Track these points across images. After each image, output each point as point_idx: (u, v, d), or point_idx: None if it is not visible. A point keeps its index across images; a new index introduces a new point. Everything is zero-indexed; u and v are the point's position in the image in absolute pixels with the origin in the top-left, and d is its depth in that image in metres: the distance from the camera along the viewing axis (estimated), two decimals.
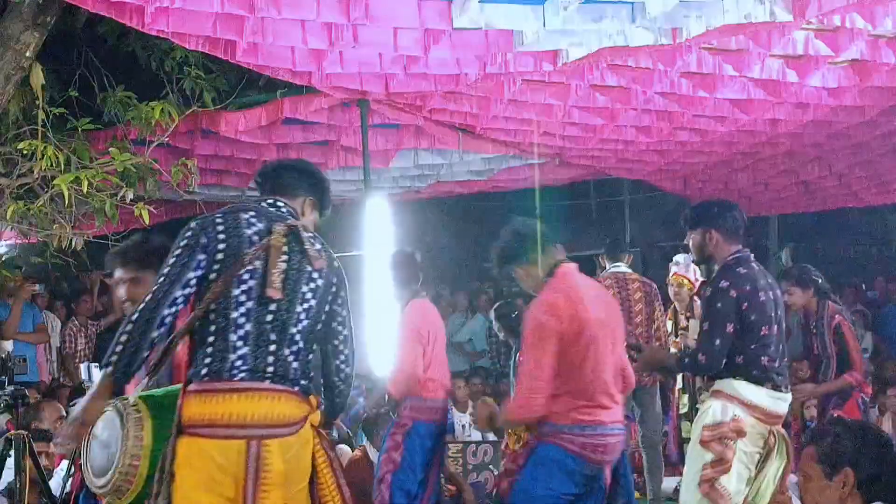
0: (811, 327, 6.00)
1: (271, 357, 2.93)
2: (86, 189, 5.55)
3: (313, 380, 3.07)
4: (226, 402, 2.87)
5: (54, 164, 5.62)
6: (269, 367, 2.92)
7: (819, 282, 5.97)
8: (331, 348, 3.19)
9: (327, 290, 3.10)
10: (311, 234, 3.14)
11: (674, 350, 6.38)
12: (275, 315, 2.96)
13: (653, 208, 13.58)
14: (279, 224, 3.04)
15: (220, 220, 3.03)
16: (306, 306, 3.03)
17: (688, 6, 4.72)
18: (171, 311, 2.89)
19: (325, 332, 3.16)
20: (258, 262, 2.96)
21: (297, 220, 3.13)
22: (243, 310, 2.93)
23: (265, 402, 2.89)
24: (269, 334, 2.94)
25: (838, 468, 2.52)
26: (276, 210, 3.14)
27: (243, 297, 2.94)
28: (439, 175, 9.13)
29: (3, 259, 7.99)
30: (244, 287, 2.94)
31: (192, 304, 2.99)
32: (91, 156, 5.98)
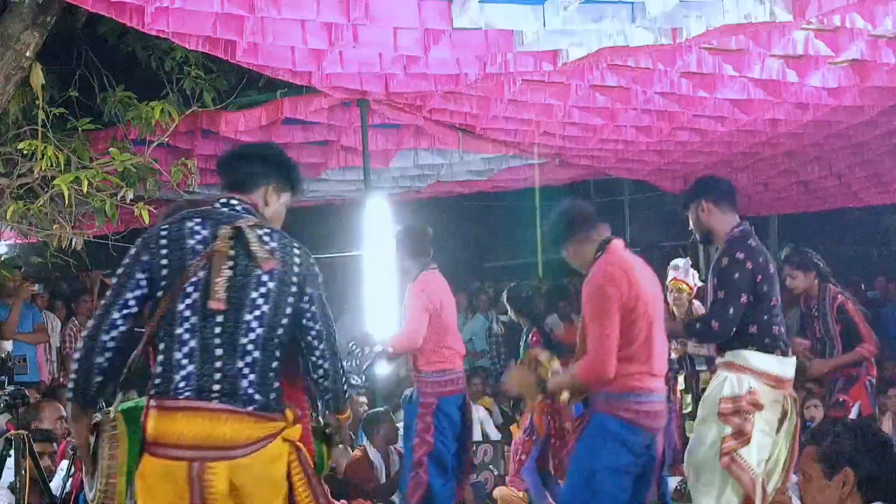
0: (812, 311, 6.04)
1: (218, 374, 2.77)
2: (86, 189, 5.55)
3: (281, 393, 2.88)
4: (172, 421, 2.76)
5: (54, 164, 5.63)
6: (216, 384, 2.76)
7: (820, 265, 6.03)
8: (304, 346, 2.98)
9: (284, 292, 2.88)
10: (265, 232, 2.91)
11: (674, 356, 6.37)
12: (222, 327, 2.79)
13: (653, 208, 13.58)
14: (224, 228, 2.85)
15: (165, 232, 2.87)
16: (257, 314, 2.82)
17: (688, 6, 4.72)
18: (112, 335, 2.80)
19: (296, 332, 2.96)
20: (202, 273, 2.80)
21: (251, 218, 2.92)
22: (187, 325, 2.78)
23: (209, 423, 2.74)
24: (215, 349, 2.77)
25: (838, 468, 2.51)
26: (228, 210, 2.94)
27: (188, 312, 2.79)
28: (439, 175, 9.13)
29: (3, 259, 7.98)
30: (188, 301, 2.79)
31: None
32: (91, 156, 5.99)
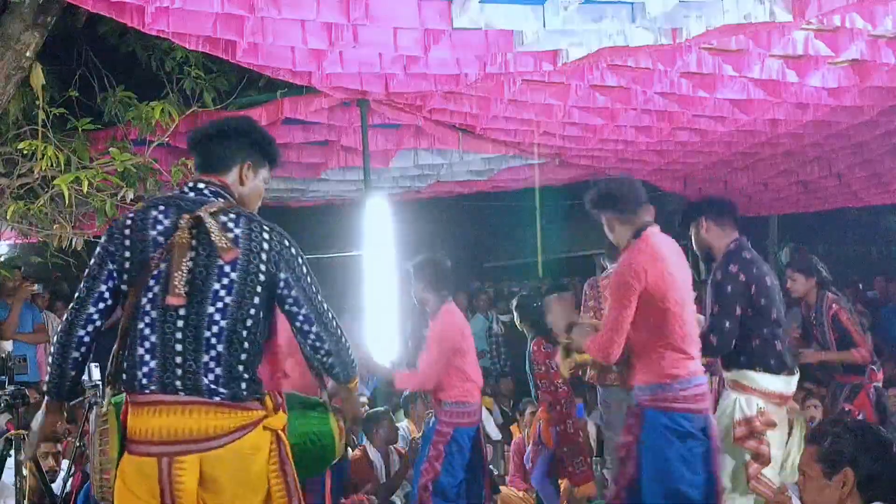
0: (811, 317, 6.14)
1: (179, 369, 2.69)
2: (86, 189, 5.55)
3: (257, 383, 2.79)
4: (141, 416, 2.71)
5: (54, 164, 5.63)
6: (178, 379, 2.69)
7: (822, 272, 6.12)
8: (296, 332, 2.90)
9: (250, 282, 2.75)
10: (231, 217, 2.78)
11: None
12: (185, 321, 2.70)
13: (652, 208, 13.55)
14: (185, 216, 2.74)
15: (129, 222, 2.80)
16: (220, 306, 2.72)
17: (688, 6, 4.72)
18: (88, 329, 2.78)
19: (288, 319, 2.88)
20: (164, 266, 2.72)
21: (217, 203, 2.81)
22: (148, 320, 2.71)
23: (175, 416, 2.68)
24: (176, 344, 2.70)
25: (838, 468, 2.52)
26: (195, 195, 2.84)
27: (149, 307, 2.72)
28: (439, 175, 9.12)
29: (3, 259, 7.98)
30: (150, 295, 2.72)
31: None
32: (91, 156, 5.99)
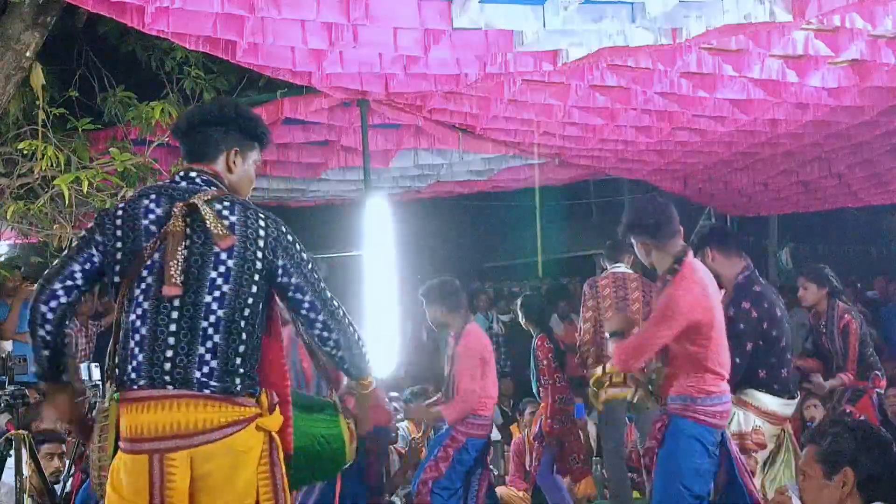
0: (821, 327, 6.22)
1: (169, 363, 2.60)
2: (86, 189, 5.54)
3: (253, 378, 2.70)
4: (129, 413, 2.63)
5: (54, 164, 5.62)
6: (167, 373, 2.60)
7: (833, 282, 6.20)
8: (302, 322, 2.81)
9: (247, 269, 2.68)
10: (226, 205, 2.72)
11: None
12: (180, 311, 2.62)
13: None
14: (178, 205, 2.68)
15: (121, 212, 2.74)
16: (217, 294, 2.63)
17: (688, 6, 4.72)
18: (51, 305, 2.69)
19: (290, 309, 2.81)
20: (157, 255, 2.65)
21: (211, 190, 2.75)
22: (140, 311, 2.64)
23: (164, 411, 2.58)
24: (168, 337, 2.61)
25: (838, 468, 2.52)
26: (187, 184, 2.78)
27: (141, 298, 2.65)
28: (439, 175, 9.12)
29: (3, 259, 7.98)
30: (143, 286, 2.65)
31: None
32: (91, 156, 5.98)
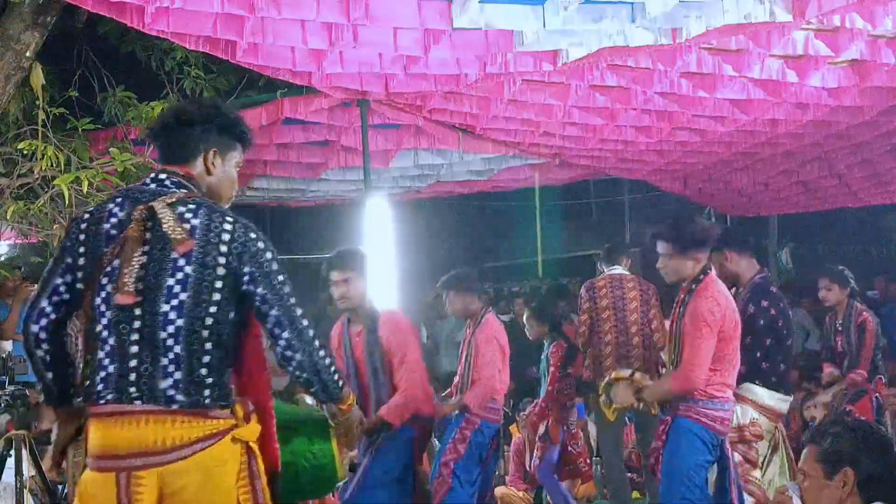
0: (836, 325, 6.47)
1: (134, 374, 2.46)
2: (86, 189, 5.54)
3: (224, 389, 2.54)
4: (97, 428, 2.50)
5: (54, 164, 5.62)
6: (133, 385, 2.45)
7: (852, 283, 6.48)
8: (268, 335, 2.62)
9: (207, 276, 2.49)
10: (190, 207, 2.54)
11: None
12: (141, 321, 2.47)
13: (653, 208, 13.58)
14: (138, 208, 2.53)
15: (87, 216, 2.61)
16: (175, 303, 2.46)
17: (688, 6, 4.72)
18: (42, 324, 2.62)
19: (259, 322, 2.63)
20: (117, 262, 2.50)
21: (177, 193, 2.58)
22: (105, 321, 2.49)
23: (132, 428, 2.45)
24: (131, 346, 2.46)
25: (838, 467, 2.51)
26: (156, 186, 2.61)
27: (103, 307, 2.50)
28: (439, 175, 9.13)
29: (3, 259, 7.98)
30: (104, 294, 2.51)
31: None
32: (91, 156, 5.98)
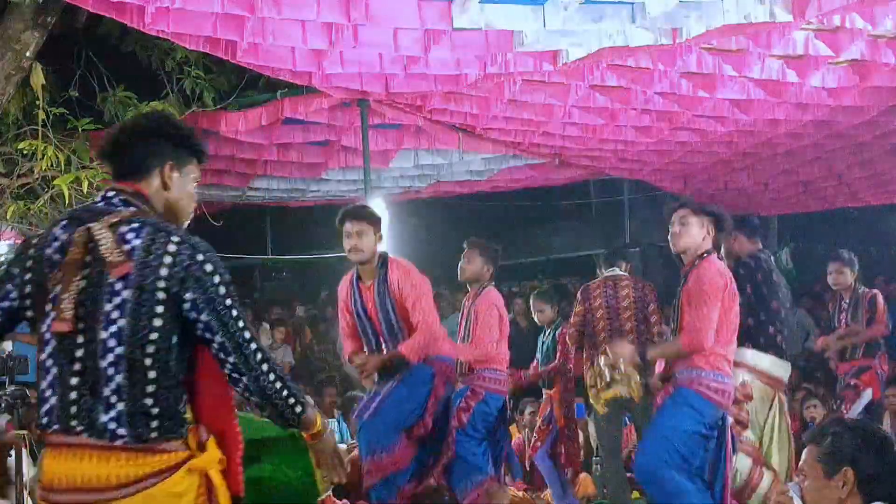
0: (843, 304, 6.72)
1: (75, 407, 2.32)
2: (86, 189, 5.55)
3: (175, 419, 2.37)
4: (46, 458, 2.40)
5: (54, 164, 5.63)
6: (74, 419, 2.32)
7: (858, 270, 6.80)
8: (216, 361, 2.43)
9: (146, 300, 2.31)
10: (132, 227, 2.37)
11: None
12: (84, 349, 2.32)
13: (653, 208, 13.57)
14: (79, 230, 2.37)
15: (35, 241, 2.46)
16: (114, 329, 2.30)
17: (688, 6, 4.72)
18: None
19: (203, 345, 2.46)
20: (59, 288, 2.35)
21: (120, 212, 2.40)
22: (49, 349, 2.36)
23: (77, 463, 2.32)
24: (71, 377, 2.32)
25: (838, 467, 2.51)
26: (104, 205, 2.45)
27: (48, 335, 2.36)
28: (439, 175, 9.13)
29: (3, 259, 7.98)
30: (48, 321, 2.36)
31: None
32: (91, 156, 5.98)
